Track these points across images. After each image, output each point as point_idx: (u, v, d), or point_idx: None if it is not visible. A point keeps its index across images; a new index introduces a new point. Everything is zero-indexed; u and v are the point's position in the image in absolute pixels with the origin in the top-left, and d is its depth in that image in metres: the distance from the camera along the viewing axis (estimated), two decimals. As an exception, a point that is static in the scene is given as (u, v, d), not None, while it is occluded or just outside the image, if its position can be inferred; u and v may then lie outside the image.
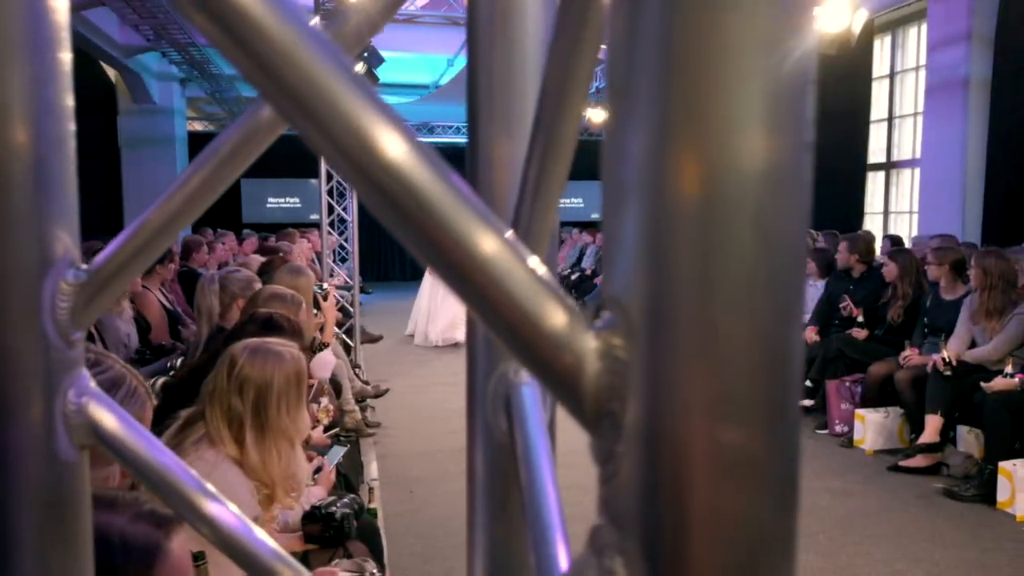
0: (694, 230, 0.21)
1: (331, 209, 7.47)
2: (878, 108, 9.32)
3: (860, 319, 5.64)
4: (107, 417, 0.45)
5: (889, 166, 9.24)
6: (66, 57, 0.36)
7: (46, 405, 0.44)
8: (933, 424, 4.56)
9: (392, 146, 0.26)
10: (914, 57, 8.81)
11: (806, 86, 0.22)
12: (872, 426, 5.03)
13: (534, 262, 0.26)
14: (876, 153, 9.37)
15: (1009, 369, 4.37)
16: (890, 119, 9.21)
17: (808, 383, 5.76)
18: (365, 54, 6.17)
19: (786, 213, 0.22)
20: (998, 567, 3.44)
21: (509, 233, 0.26)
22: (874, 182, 9.44)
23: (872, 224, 9.25)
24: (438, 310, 8.22)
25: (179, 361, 3.22)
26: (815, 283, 6.52)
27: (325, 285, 4.09)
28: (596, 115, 9.33)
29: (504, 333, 0.26)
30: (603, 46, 0.25)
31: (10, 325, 0.42)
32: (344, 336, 6.54)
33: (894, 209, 9.29)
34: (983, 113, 7.59)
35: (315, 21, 0.26)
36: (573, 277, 11.24)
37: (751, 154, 0.21)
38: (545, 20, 0.50)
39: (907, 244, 7.48)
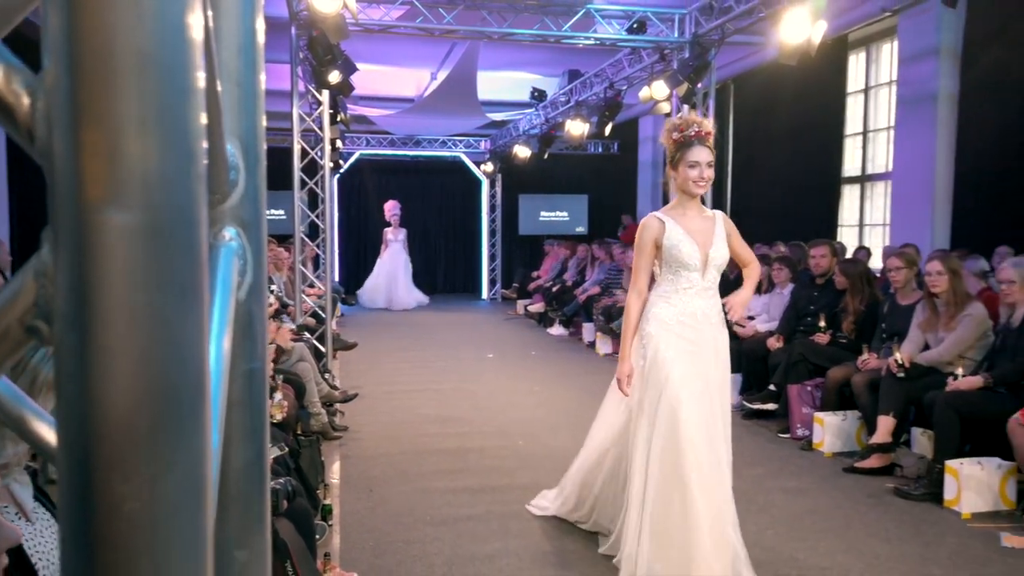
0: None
1: (315, 219, 7.55)
2: (854, 122, 9.46)
3: (823, 324, 5.71)
4: None
5: (864, 179, 9.36)
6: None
7: None
8: (885, 425, 4.63)
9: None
10: (888, 72, 8.95)
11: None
12: (830, 429, 5.10)
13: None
14: (854, 167, 9.49)
15: (960, 371, 4.44)
16: (865, 133, 9.33)
17: (772, 387, 5.82)
18: (339, 62, 6.29)
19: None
20: (937, 560, 3.50)
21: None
22: (851, 195, 9.55)
23: (848, 236, 9.34)
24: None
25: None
26: (782, 291, 6.59)
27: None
28: (575, 127, 9.44)
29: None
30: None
31: None
32: (316, 342, 6.60)
33: (868, 221, 9.39)
34: (951, 126, 7.71)
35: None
36: (554, 289, 11.29)
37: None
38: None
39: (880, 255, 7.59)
